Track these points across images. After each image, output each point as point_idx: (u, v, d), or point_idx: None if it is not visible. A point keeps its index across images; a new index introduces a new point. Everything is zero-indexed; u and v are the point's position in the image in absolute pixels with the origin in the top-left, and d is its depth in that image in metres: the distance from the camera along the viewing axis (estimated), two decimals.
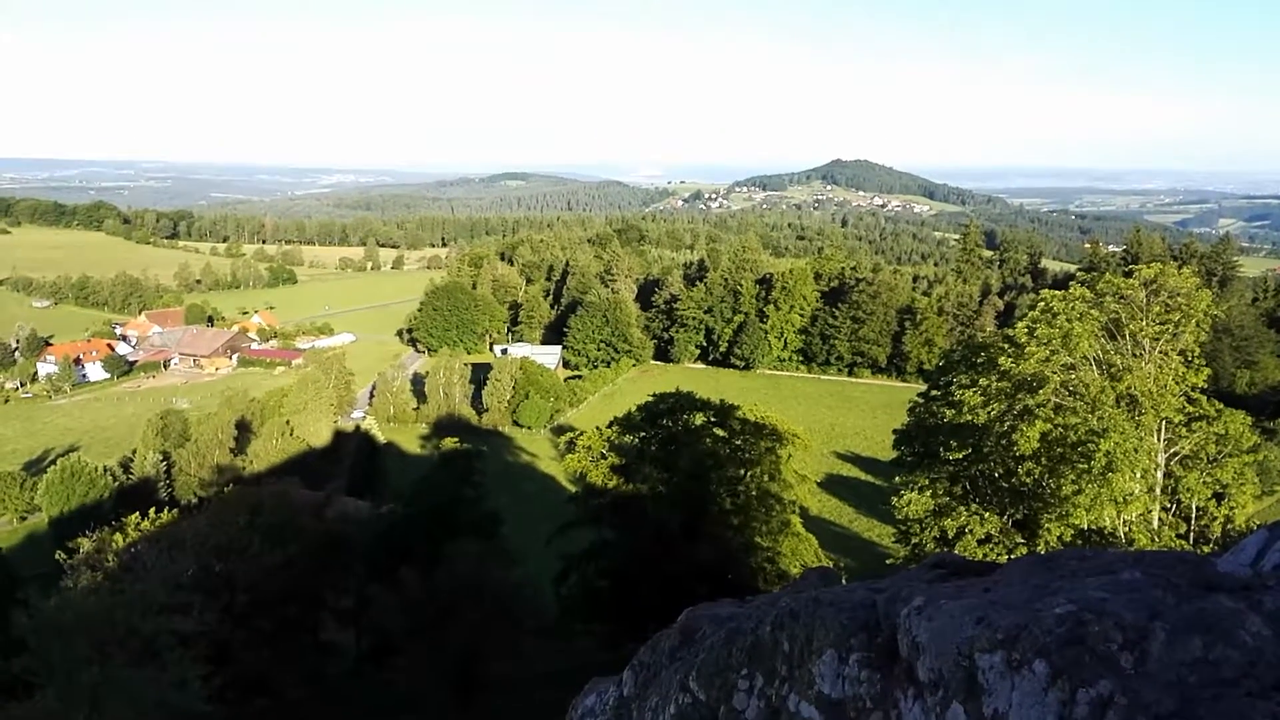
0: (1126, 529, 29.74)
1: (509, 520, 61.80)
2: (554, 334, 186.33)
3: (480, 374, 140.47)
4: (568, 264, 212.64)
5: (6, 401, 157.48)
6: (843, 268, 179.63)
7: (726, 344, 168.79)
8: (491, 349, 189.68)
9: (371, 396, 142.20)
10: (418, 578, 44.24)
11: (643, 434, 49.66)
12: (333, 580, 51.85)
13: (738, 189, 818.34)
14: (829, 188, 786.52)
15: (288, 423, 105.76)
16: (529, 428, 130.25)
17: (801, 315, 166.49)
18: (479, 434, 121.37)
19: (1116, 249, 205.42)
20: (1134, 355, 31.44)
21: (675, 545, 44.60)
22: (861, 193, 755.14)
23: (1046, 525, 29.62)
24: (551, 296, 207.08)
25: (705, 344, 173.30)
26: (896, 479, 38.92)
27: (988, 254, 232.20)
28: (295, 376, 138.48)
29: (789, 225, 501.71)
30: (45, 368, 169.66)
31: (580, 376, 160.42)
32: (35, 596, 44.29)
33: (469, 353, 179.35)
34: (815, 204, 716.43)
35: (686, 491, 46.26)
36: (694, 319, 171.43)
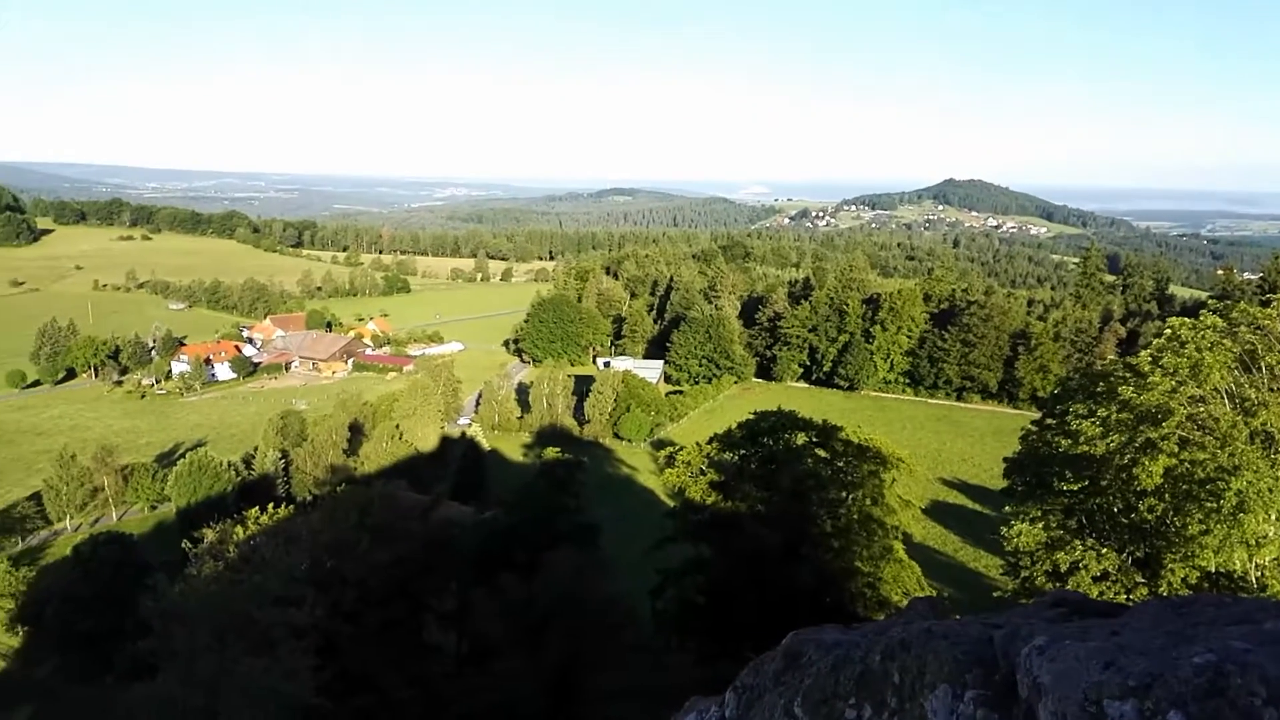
0: (1259, 574, 27.90)
1: (607, 532, 62.27)
2: (656, 349, 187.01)
3: (583, 386, 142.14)
4: (672, 279, 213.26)
5: (143, 397, 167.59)
6: (953, 289, 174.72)
7: (830, 364, 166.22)
8: (594, 361, 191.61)
9: (478, 404, 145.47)
10: (518, 584, 44.95)
11: (743, 451, 49.34)
12: (436, 582, 53.11)
13: (846, 207, 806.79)
14: (941, 207, 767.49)
15: (398, 427, 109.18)
16: (629, 440, 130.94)
17: (909, 337, 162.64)
18: (580, 445, 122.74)
19: (1252, 276, 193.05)
20: (1270, 390, 29.48)
21: (773, 565, 44.08)
22: (975, 213, 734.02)
23: (1170, 565, 28.06)
24: (655, 311, 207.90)
25: (809, 363, 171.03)
26: (1006, 509, 37.52)
27: (1110, 279, 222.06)
28: (406, 382, 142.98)
29: (898, 245, 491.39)
30: (178, 366, 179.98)
31: (681, 391, 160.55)
32: (162, 583, 46.69)
33: (572, 364, 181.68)
34: (926, 224, 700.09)
35: (786, 511, 45.69)
36: (798, 337, 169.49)
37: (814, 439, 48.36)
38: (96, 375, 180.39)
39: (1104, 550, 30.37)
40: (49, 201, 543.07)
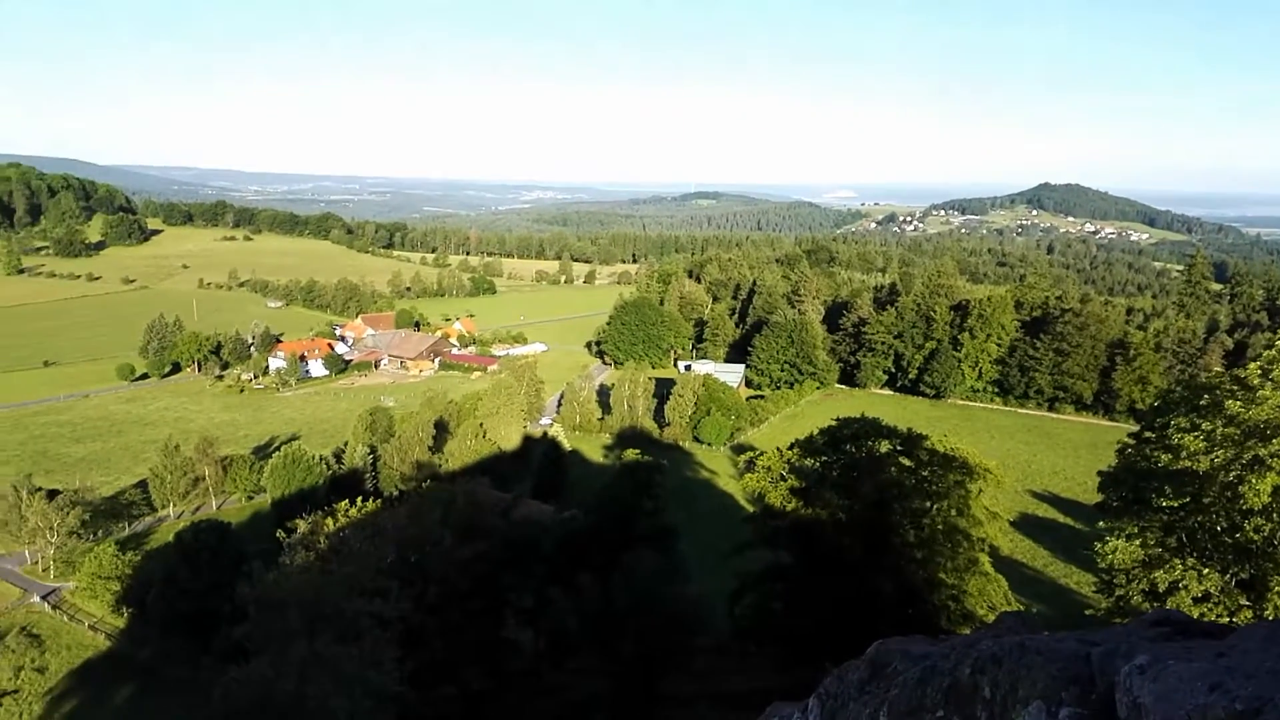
0: None
1: (685, 535, 62.22)
2: (738, 353, 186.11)
3: (663, 388, 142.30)
4: (755, 283, 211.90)
5: (242, 391, 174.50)
6: (1047, 296, 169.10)
7: (916, 371, 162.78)
8: (675, 364, 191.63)
9: (559, 405, 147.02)
10: (595, 584, 45.27)
11: (824, 458, 48.74)
12: (516, 579, 53.88)
13: (935, 212, 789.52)
14: (1035, 213, 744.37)
15: (481, 425, 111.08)
16: (709, 444, 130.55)
17: (999, 345, 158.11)
18: (659, 447, 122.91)
19: None
20: None
21: (854, 574, 43.43)
22: (1071, 218, 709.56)
23: (1277, 589, 26.70)
24: (737, 315, 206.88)
25: (893, 370, 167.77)
26: (1100, 524, 36.25)
27: (1216, 287, 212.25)
28: (490, 382, 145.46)
29: (989, 251, 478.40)
30: (275, 362, 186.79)
31: (762, 396, 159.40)
32: (258, 571, 48.55)
33: (653, 367, 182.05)
34: (1019, 229, 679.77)
35: (867, 520, 44.98)
36: (883, 344, 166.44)
37: (898, 447, 47.47)
38: (200, 370, 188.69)
39: (1206, 570, 29.06)
40: (159, 203, 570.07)
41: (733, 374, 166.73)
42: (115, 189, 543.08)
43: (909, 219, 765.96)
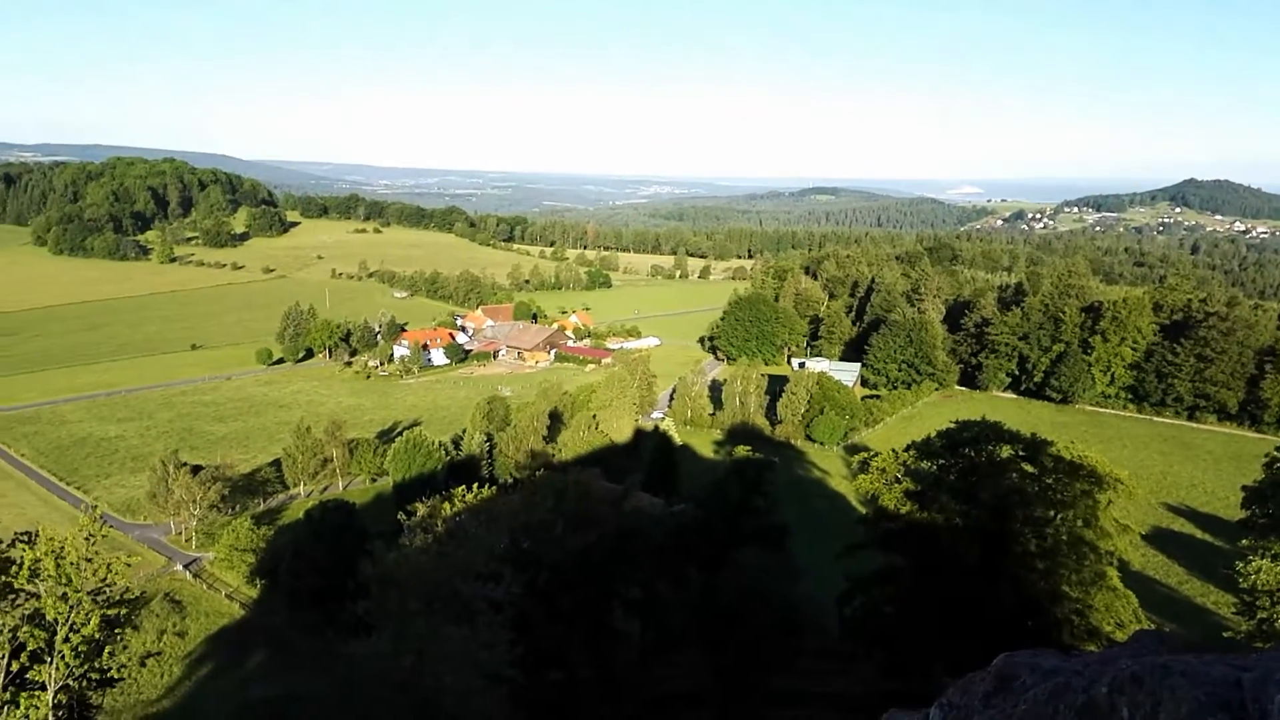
0: None
1: (796, 534, 61.48)
2: (854, 351, 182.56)
3: (776, 385, 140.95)
4: (873, 280, 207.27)
5: (368, 377, 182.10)
6: (1189, 299, 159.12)
7: (1042, 374, 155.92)
8: (789, 362, 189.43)
9: (671, 399, 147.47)
10: (703, 579, 45.28)
11: (942, 461, 47.37)
12: (624, 570, 54.38)
13: (1066, 209, 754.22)
14: (1178, 210, 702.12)
15: (594, 417, 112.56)
16: (821, 443, 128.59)
17: (1134, 349, 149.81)
18: (771, 445, 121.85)
19: None
20: None
21: (970, 582, 42.07)
22: (1219, 216, 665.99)
23: None
24: (854, 313, 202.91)
25: (1017, 373, 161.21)
26: (1243, 542, 34.07)
27: None
28: (604, 374, 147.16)
29: (1125, 250, 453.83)
30: (399, 350, 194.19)
31: (878, 396, 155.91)
32: (379, 550, 50.52)
33: (766, 364, 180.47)
34: (1160, 227, 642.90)
35: (986, 527, 43.48)
36: (1006, 345, 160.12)
37: (1020, 453, 45.67)
38: (331, 356, 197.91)
39: None
40: (297, 197, 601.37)
41: (848, 373, 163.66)
42: (259, 183, 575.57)
43: (1038, 216, 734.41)
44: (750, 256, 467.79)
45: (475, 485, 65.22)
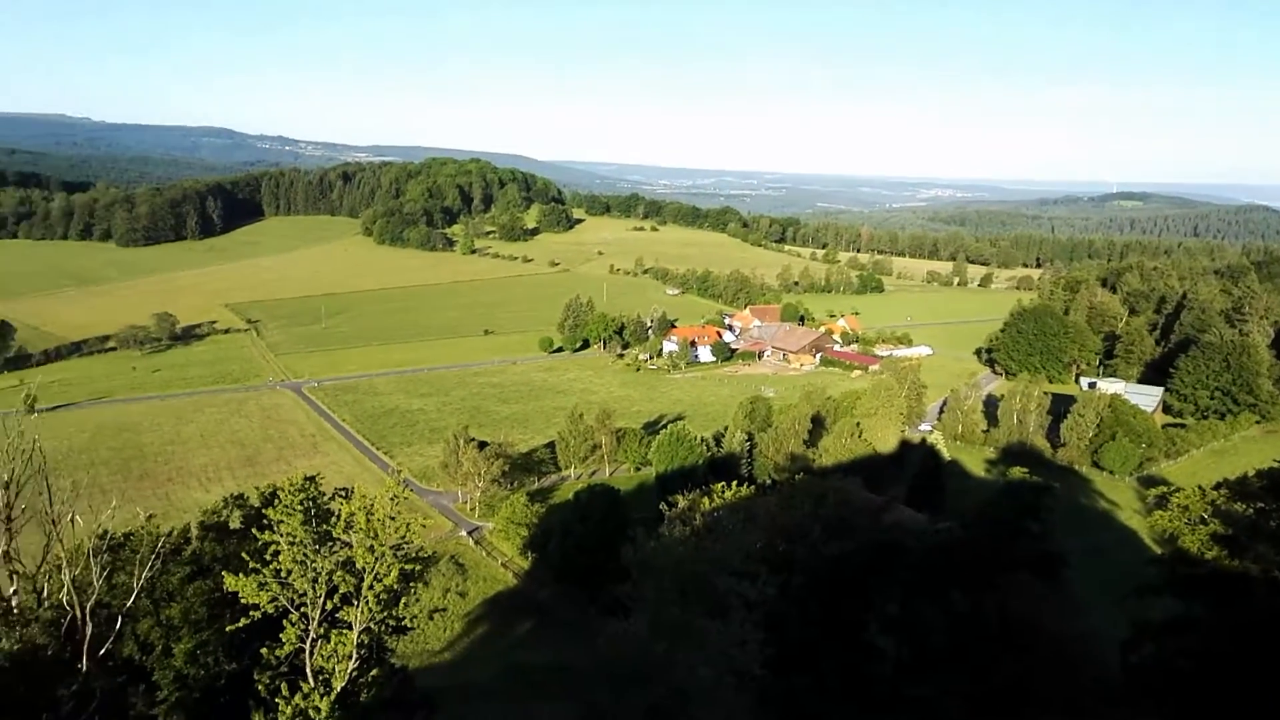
0: None
1: (1074, 566, 56.90)
2: (1155, 373, 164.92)
3: (1060, 405, 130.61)
4: (1184, 296, 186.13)
5: (638, 370, 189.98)
6: None
7: None
8: (1077, 380, 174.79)
9: (941, 411, 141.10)
10: (967, 602, 43.16)
11: (1261, 505, 41.92)
12: (881, 583, 52.97)
13: None
14: None
15: (858, 425, 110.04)
16: (1110, 472, 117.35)
17: None
18: (1050, 468, 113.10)
19: None
20: None
21: None
22: None
23: None
24: (1158, 331, 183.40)
25: None
26: None
27: None
28: (870, 381, 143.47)
29: None
30: (668, 345, 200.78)
31: (1183, 425, 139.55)
32: (640, 537, 52.72)
33: (1050, 381, 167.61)
34: None
35: None
36: None
37: None
38: (604, 347, 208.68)
39: None
40: (583, 195, 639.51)
41: (1147, 397, 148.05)
42: (550, 182, 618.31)
43: None
44: (1038, 265, 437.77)
45: (734, 483, 66.01)
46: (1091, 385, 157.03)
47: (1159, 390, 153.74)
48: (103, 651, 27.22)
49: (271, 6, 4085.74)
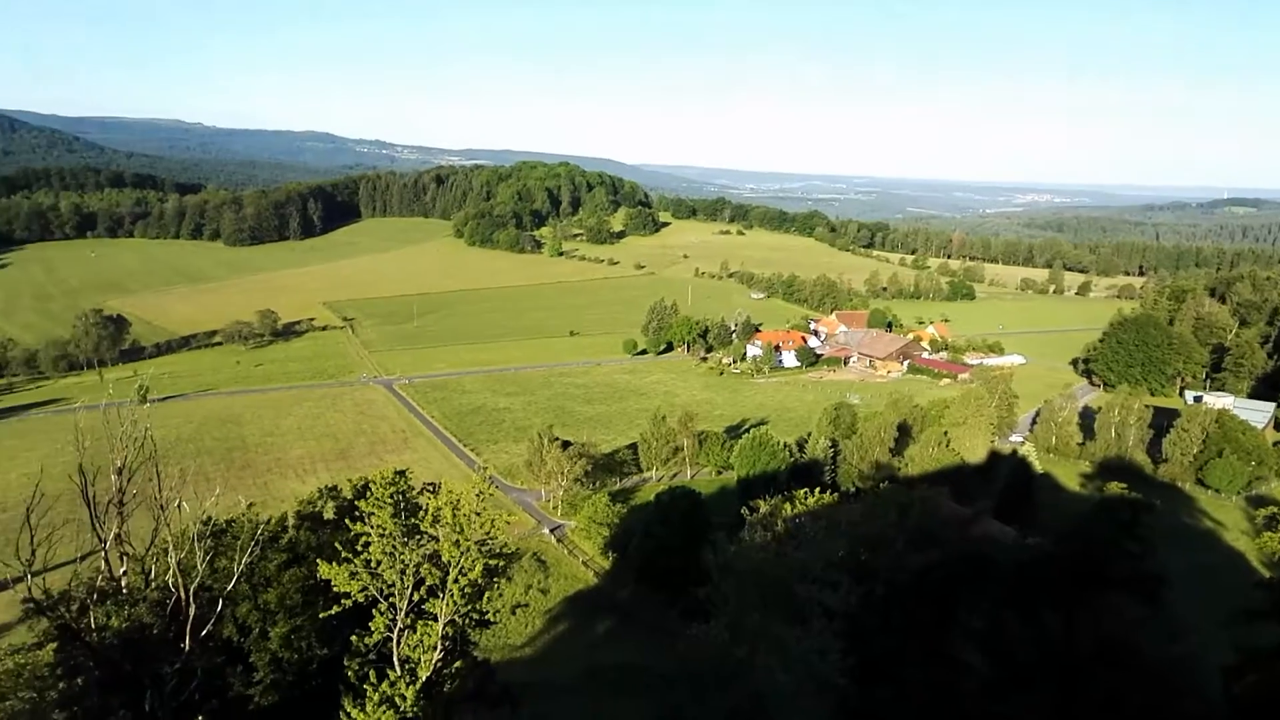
0: None
1: (1176, 588, 54.65)
2: (1267, 388, 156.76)
3: (1162, 419, 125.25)
4: None
5: (721, 374, 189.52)
6: None
7: None
8: (1181, 394, 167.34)
9: (1033, 423, 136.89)
10: (1058, 620, 41.94)
11: None
12: (967, 596, 51.82)
13: None
14: None
15: (945, 434, 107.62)
16: (1216, 490, 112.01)
17: None
18: (1151, 485, 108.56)
19: None
20: None
21: None
22: None
23: None
24: (1271, 344, 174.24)
25: None
26: None
27: None
28: (959, 390, 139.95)
29: None
30: (752, 350, 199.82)
31: None
32: (721, 541, 52.79)
33: (1152, 394, 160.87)
34: None
35: None
36: None
37: None
38: (688, 350, 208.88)
39: None
40: (669, 198, 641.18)
41: (1258, 412, 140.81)
42: (637, 185, 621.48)
43: None
44: (1141, 274, 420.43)
45: (817, 489, 65.47)
46: (1197, 399, 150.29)
47: (1270, 406, 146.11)
48: (204, 632, 28.69)
49: (375, 27, 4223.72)
